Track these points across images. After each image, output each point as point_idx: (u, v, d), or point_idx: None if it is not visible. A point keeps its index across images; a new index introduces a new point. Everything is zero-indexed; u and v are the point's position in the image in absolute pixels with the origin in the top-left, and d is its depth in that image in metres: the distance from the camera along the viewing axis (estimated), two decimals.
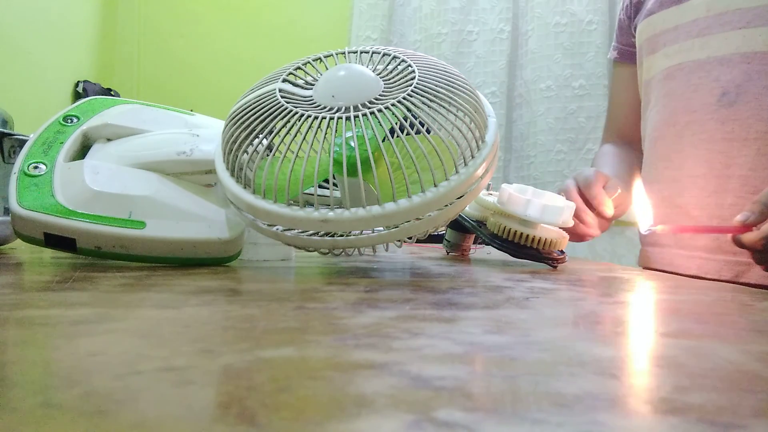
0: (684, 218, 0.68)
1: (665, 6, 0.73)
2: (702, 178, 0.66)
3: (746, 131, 0.63)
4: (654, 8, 0.74)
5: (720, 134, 0.65)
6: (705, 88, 0.67)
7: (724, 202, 0.64)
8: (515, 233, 0.46)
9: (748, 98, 0.63)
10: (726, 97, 0.65)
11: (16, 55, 1.27)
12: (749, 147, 0.63)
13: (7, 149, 0.49)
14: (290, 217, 0.32)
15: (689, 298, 0.31)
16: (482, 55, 1.56)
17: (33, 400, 0.11)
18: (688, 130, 0.68)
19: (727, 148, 0.64)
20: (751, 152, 0.63)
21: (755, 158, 0.63)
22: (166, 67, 1.78)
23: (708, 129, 0.66)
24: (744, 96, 0.64)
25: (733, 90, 0.65)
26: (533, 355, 0.16)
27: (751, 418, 0.11)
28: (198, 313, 0.21)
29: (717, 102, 0.66)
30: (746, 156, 0.63)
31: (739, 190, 0.64)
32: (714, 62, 0.67)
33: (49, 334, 0.17)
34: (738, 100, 0.64)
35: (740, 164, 0.64)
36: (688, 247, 0.69)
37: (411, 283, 0.33)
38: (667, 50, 0.72)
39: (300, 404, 0.11)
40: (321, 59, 0.38)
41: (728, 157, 0.64)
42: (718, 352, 0.17)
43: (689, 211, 0.68)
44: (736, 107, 0.64)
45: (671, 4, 0.72)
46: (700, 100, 0.67)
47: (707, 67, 0.67)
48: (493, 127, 0.36)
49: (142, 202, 0.37)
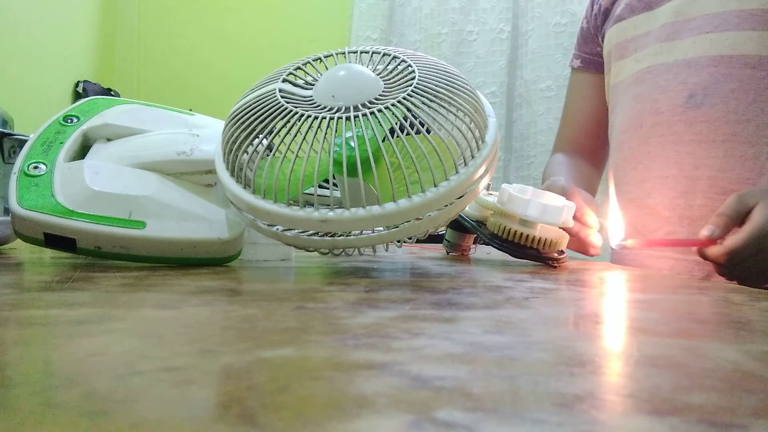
0: (654, 219, 0.69)
1: (636, 12, 0.73)
2: (672, 178, 0.67)
3: (714, 133, 0.64)
4: (624, 14, 0.75)
5: (688, 135, 0.66)
6: (672, 91, 0.68)
7: (693, 203, 0.65)
8: (515, 233, 0.46)
9: (715, 100, 0.64)
10: (693, 99, 0.66)
11: (16, 55, 1.27)
12: (717, 148, 0.64)
13: (7, 149, 0.49)
14: (290, 217, 0.32)
15: (689, 298, 0.31)
16: (482, 55, 1.56)
17: (33, 400, 0.11)
18: (655, 131, 0.69)
19: (695, 149, 0.65)
20: (719, 153, 0.64)
21: (723, 159, 0.64)
22: (166, 67, 1.77)
23: (675, 131, 0.67)
24: (711, 98, 0.65)
25: (700, 92, 0.65)
26: (533, 355, 0.16)
27: (751, 418, 0.11)
28: (198, 313, 0.21)
29: (684, 104, 0.66)
30: (714, 158, 0.64)
31: (708, 191, 0.64)
32: (682, 65, 0.67)
33: (49, 334, 0.17)
34: (705, 102, 0.65)
35: (709, 165, 0.64)
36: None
37: (411, 283, 0.33)
38: (637, 55, 0.73)
39: (300, 404, 0.11)
40: (321, 59, 0.38)
41: (696, 158, 0.65)
42: (718, 352, 0.17)
43: (659, 211, 0.68)
44: (703, 109, 0.65)
45: (642, 11, 0.73)
46: (667, 102, 0.68)
47: (675, 69, 0.68)
48: (493, 127, 0.36)
49: (142, 202, 0.37)
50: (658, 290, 0.36)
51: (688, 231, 0.65)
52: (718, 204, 0.62)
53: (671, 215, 0.67)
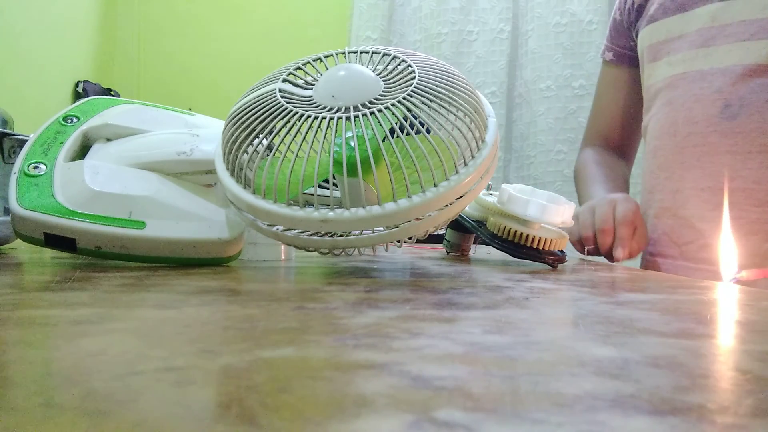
0: (689, 230, 0.69)
1: (669, 13, 0.72)
2: (707, 191, 0.66)
3: (750, 144, 0.64)
4: (657, 15, 0.74)
5: (723, 147, 0.65)
6: (707, 100, 0.67)
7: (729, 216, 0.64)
8: (515, 233, 0.46)
9: (751, 111, 0.64)
10: (729, 110, 0.65)
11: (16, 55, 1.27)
12: (753, 160, 0.63)
13: (7, 149, 0.49)
14: (290, 217, 0.32)
15: (689, 298, 0.31)
16: (482, 55, 1.56)
17: (33, 400, 0.11)
18: (689, 141, 0.68)
19: (730, 161, 0.65)
20: (755, 165, 0.63)
21: (759, 171, 0.63)
22: (166, 67, 1.78)
23: (710, 141, 0.66)
24: (747, 109, 0.64)
25: (736, 103, 0.65)
26: (533, 355, 0.16)
27: (751, 418, 0.11)
28: (198, 313, 0.21)
29: (720, 114, 0.65)
30: (750, 169, 0.63)
31: (744, 203, 0.64)
32: (717, 73, 0.66)
33: (49, 334, 0.17)
34: (741, 113, 0.64)
35: (744, 177, 0.64)
36: (693, 259, 0.69)
37: (411, 283, 0.33)
38: (671, 59, 0.72)
39: (300, 404, 0.11)
40: (321, 59, 0.38)
41: (733, 170, 0.64)
42: (718, 352, 0.17)
43: (694, 223, 0.68)
44: (739, 120, 0.64)
45: (675, 12, 0.71)
46: (702, 111, 0.67)
47: (710, 78, 0.67)
48: (493, 127, 0.36)
49: (142, 202, 0.37)
50: (658, 290, 0.36)
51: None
52: (754, 217, 0.62)
53: (706, 227, 0.66)
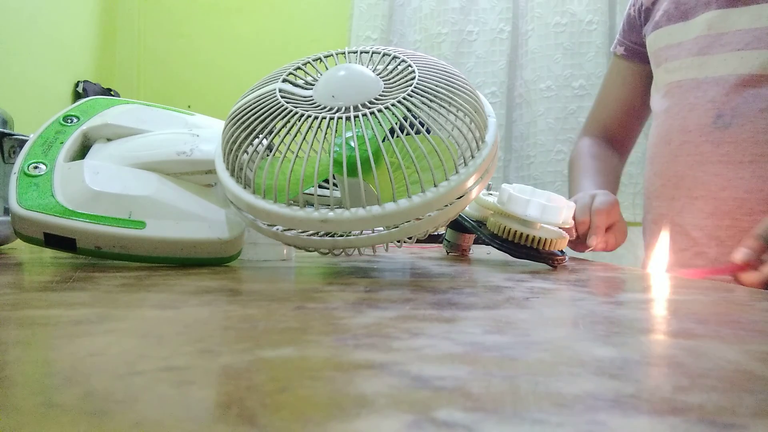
0: (684, 238, 0.70)
1: (672, 20, 0.73)
2: (700, 199, 0.67)
3: (741, 154, 0.64)
4: (661, 21, 0.74)
5: (715, 156, 0.66)
6: (701, 109, 0.67)
7: (721, 224, 0.65)
8: (515, 233, 0.46)
9: (743, 121, 0.64)
10: (721, 120, 0.65)
11: (16, 55, 1.27)
12: (744, 170, 0.64)
13: (7, 149, 0.49)
14: (290, 217, 0.32)
15: (689, 298, 0.31)
16: (482, 55, 1.56)
17: (33, 400, 0.11)
18: (683, 150, 0.69)
19: (722, 170, 0.65)
20: (746, 174, 0.64)
21: (751, 181, 0.63)
22: (166, 67, 1.77)
23: (702, 151, 0.67)
24: (739, 119, 0.64)
25: (728, 112, 0.65)
26: (533, 355, 0.16)
27: (751, 418, 0.11)
28: (198, 313, 0.21)
29: (712, 124, 0.66)
30: (742, 179, 0.64)
31: (736, 212, 0.64)
32: (711, 83, 0.67)
33: (49, 334, 0.17)
34: (733, 123, 0.65)
35: (736, 186, 0.64)
36: (687, 266, 0.70)
37: (411, 283, 0.33)
38: (668, 66, 0.73)
39: (300, 404, 0.11)
40: (321, 59, 0.38)
41: (724, 179, 0.65)
42: (718, 352, 0.17)
43: (689, 231, 0.69)
44: (731, 130, 0.65)
45: (678, 20, 0.72)
46: (695, 120, 0.68)
47: (704, 87, 0.68)
48: (493, 127, 0.36)
49: (142, 202, 0.37)
50: (657, 290, 0.36)
51: (716, 251, 0.66)
52: (746, 225, 0.63)
53: (700, 235, 0.67)
